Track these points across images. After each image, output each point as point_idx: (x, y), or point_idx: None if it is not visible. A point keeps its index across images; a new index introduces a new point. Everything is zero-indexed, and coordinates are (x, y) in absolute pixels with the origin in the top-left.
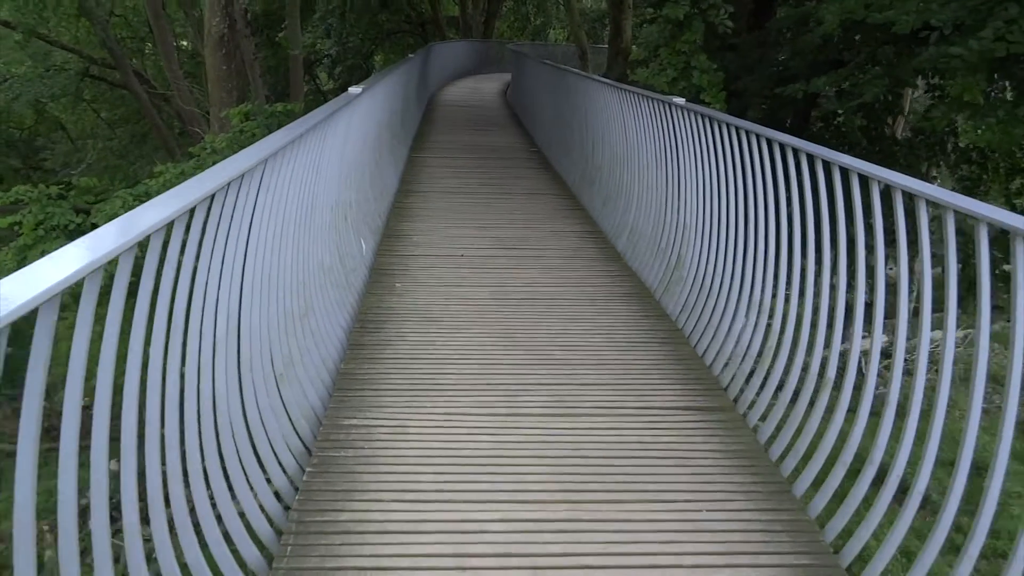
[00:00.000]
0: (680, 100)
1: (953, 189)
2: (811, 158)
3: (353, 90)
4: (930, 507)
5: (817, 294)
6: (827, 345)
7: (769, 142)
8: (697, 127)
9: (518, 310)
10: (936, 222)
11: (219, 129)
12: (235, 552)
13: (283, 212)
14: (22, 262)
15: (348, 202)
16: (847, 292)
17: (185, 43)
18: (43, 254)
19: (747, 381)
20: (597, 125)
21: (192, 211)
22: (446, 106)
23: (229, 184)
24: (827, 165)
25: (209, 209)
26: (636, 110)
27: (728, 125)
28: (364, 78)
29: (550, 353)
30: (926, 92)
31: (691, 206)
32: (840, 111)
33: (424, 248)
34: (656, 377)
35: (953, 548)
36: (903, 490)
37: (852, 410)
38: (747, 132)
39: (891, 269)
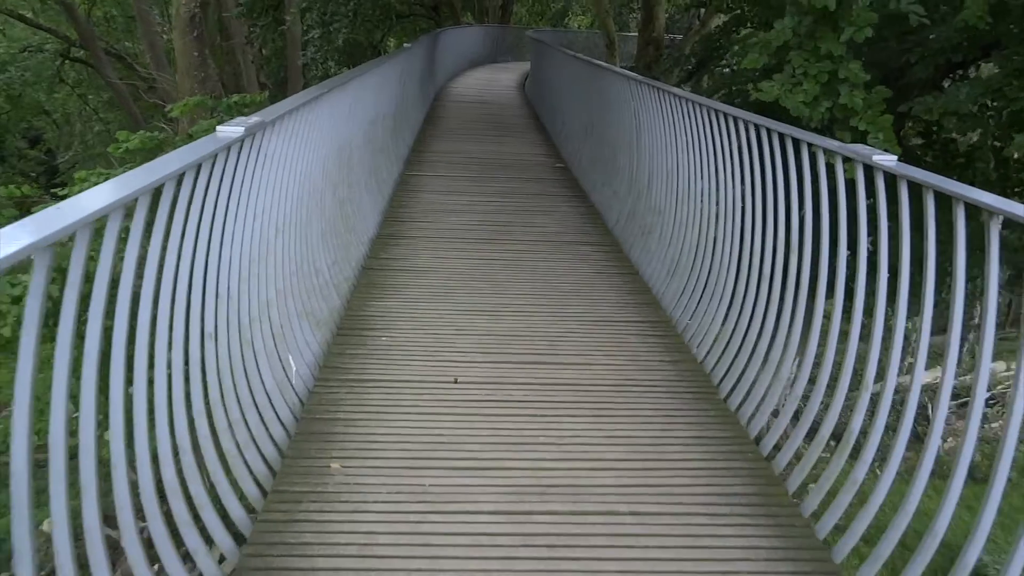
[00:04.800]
0: (888, 160)
1: None
2: None
3: (226, 132)
4: None
5: None
6: None
7: None
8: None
9: (566, 557)
10: None
11: (188, 124)
12: None
13: None
14: None
15: (264, 304)
16: None
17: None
18: None
19: None
20: (661, 154)
21: None
22: (456, 102)
23: None
24: None
25: None
26: (762, 154)
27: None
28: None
29: None
30: None
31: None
32: (958, 133)
33: (395, 362)
34: None
35: None
36: None
37: None
38: None
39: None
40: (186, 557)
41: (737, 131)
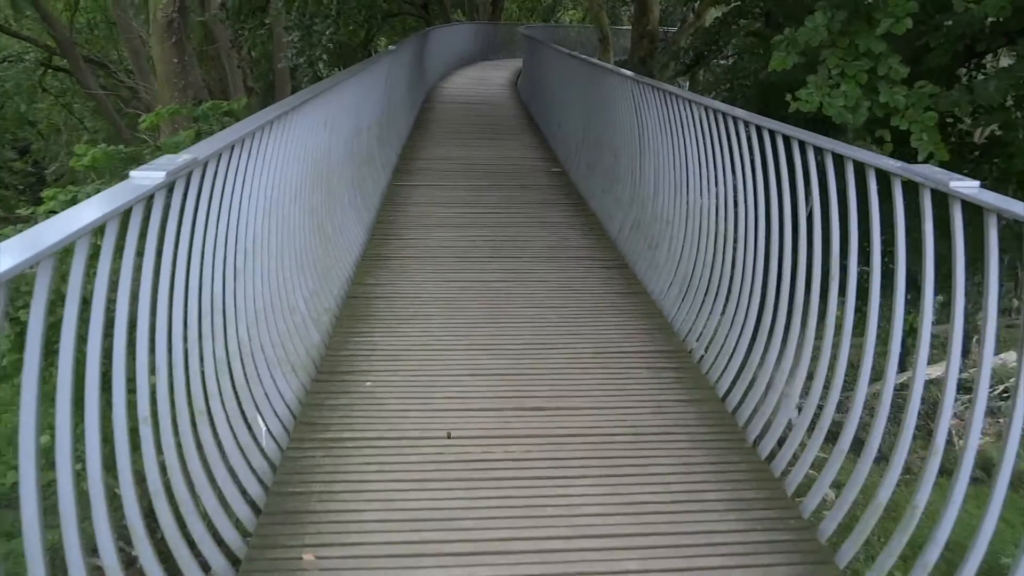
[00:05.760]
0: (968, 186)
1: None
2: None
3: (142, 179)
4: None
5: None
6: None
7: None
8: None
9: None
10: None
11: (171, 133)
12: None
13: None
14: None
15: (223, 361)
16: None
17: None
18: None
19: None
20: (668, 162)
21: None
22: (446, 103)
23: None
24: None
25: None
26: (792, 167)
27: None
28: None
29: None
30: None
31: None
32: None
33: (380, 413)
34: None
35: None
36: None
37: None
38: None
39: None
40: None
41: (760, 140)
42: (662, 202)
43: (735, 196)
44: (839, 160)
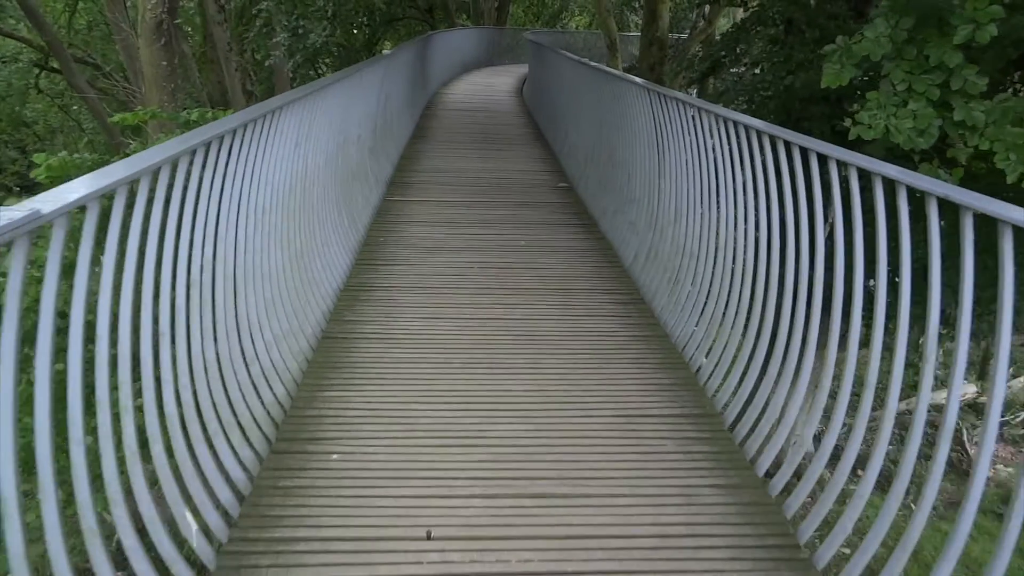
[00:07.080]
0: None
1: None
2: None
3: None
4: None
5: None
6: None
7: None
8: None
9: None
10: None
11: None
12: None
13: None
14: None
15: (133, 455)
16: None
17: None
18: None
19: None
20: (694, 186)
21: None
22: (449, 111)
23: None
24: None
25: None
26: (870, 205)
27: None
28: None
29: None
30: None
31: None
32: None
33: (345, 501)
34: None
35: None
36: None
37: None
38: None
39: None
40: None
41: (823, 171)
42: (685, 230)
43: (782, 229)
44: (951, 207)
